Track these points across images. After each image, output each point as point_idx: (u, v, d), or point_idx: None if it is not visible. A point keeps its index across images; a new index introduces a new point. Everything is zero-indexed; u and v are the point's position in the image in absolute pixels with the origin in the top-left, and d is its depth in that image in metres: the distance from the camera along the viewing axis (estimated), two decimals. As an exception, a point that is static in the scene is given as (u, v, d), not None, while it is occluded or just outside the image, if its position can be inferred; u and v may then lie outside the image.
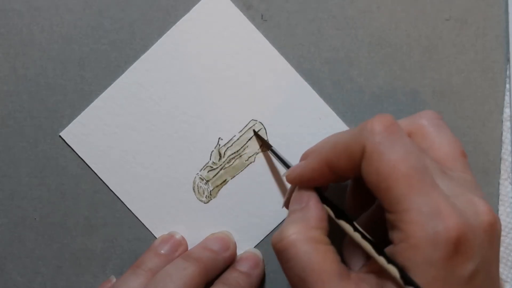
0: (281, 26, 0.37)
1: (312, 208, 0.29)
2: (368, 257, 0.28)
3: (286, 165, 0.34)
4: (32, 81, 0.37)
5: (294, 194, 0.31)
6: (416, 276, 0.24)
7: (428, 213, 0.24)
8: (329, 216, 0.29)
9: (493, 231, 0.26)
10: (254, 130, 0.37)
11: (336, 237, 0.29)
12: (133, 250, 0.37)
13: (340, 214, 0.29)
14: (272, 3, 0.37)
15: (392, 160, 0.25)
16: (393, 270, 0.25)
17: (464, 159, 0.29)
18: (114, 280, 0.37)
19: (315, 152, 0.30)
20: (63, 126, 0.37)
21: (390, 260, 0.25)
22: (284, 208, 0.33)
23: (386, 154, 0.26)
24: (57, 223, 0.37)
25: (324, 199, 0.30)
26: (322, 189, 0.31)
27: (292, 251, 0.27)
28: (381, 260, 0.26)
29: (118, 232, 0.38)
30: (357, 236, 0.28)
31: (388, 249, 0.26)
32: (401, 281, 0.24)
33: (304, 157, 0.32)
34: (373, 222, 0.31)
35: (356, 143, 0.27)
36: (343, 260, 0.31)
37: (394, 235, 0.25)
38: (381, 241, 0.27)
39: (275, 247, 0.28)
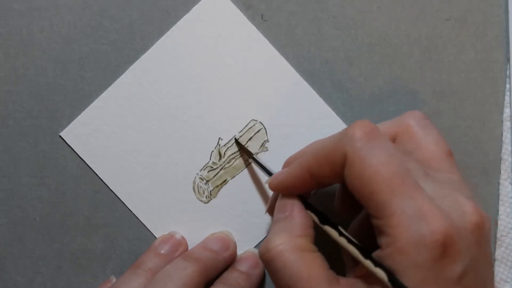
0: (281, 26, 0.37)
1: (297, 216, 0.29)
2: (357, 262, 0.28)
3: (268, 172, 0.34)
4: (32, 81, 0.37)
5: (277, 202, 0.31)
6: (404, 279, 0.24)
7: (412, 216, 0.24)
8: (314, 223, 0.29)
9: (481, 231, 0.26)
10: (235, 139, 0.37)
11: (324, 244, 0.29)
12: (133, 250, 0.37)
13: (325, 219, 0.29)
14: (272, 3, 0.37)
15: (373, 165, 0.25)
16: (380, 273, 0.25)
17: (451, 158, 0.30)
18: (114, 280, 0.37)
19: (297, 160, 0.30)
20: (63, 126, 0.37)
21: (377, 263, 0.25)
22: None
23: (368, 159, 0.26)
24: (57, 223, 0.37)
25: (308, 206, 0.30)
26: (306, 195, 0.31)
27: (279, 261, 0.27)
28: (368, 263, 0.26)
29: (118, 232, 0.38)
30: (342, 241, 0.28)
31: (376, 254, 0.26)
32: (389, 284, 0.24)
33: (286, 164, 0.33)
34: (364, 228, 0.31)
35: (337, 150, 0.27)
36: (344, 264, 0.31)
37: (382, 240, 0.25)
38: (374, 246, 0.27)
39: (263, 258, 0.28)
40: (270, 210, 0.33)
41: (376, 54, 0.37)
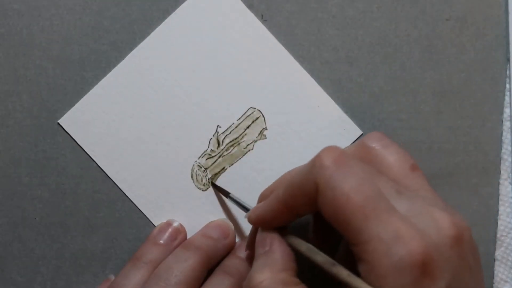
0: (281, 26, 0.37)
1: (277, 251, 0.29)
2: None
3: (246, 209, 0.34)
4: (32, 81, 0.37)
5: (257, 237, 0.31)
6: None
7: (389, 240, 0.24)
8: (296, 255, 0.29)
9: (460, 243, 0.25)
10: (212, 182, 0.37)
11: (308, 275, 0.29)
12: (133, 250, 0.37)
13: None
14: (272, 3, 0.37)
15: (345, 193, 0.25)
16: None
17: (418, 172, 0.29)
18: (113, 279, 0.36)
19: (273, 193, 0.30)
20: (63, 126, 0.37)
21: None
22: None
23: (339, 187, 0.26)
24: (57, 223, 0.37)
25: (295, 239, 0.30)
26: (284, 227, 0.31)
27: None
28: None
29: (118, 232, 0.38)
30: (352, 279, 0.26)
31: None
32: None
33: (262, 197, 0.33)
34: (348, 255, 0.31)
35: (309, 180, 0.27)
36: None
37: (361, 267, 0.25)
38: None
39: None
40: (249, 246, 0.33)
41: (376, 54, 0.37)
